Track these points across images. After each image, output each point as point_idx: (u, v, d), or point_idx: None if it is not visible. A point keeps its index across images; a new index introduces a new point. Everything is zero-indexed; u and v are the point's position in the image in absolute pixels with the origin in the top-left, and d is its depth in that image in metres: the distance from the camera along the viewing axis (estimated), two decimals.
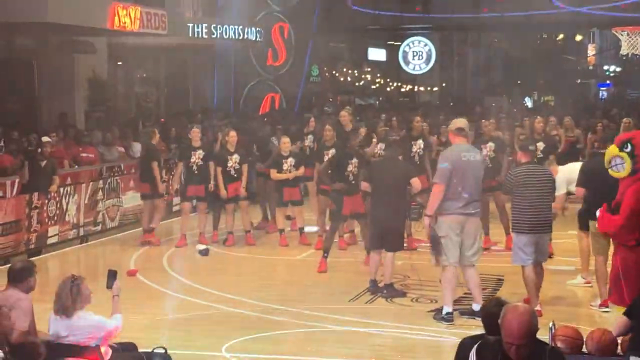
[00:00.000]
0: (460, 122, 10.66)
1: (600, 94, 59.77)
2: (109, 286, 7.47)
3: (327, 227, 13.77)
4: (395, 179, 11.55)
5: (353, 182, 13.01)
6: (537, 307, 10.02)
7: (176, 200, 17.92)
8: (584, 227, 11.24)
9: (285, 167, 15.16)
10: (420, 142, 15.15)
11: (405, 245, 12.46)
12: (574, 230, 12.12)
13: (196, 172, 15.38)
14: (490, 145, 14.47)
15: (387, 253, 11.47)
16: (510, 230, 11.58)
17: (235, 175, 15.11)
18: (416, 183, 11.64)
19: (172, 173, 17.43)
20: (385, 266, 11.50)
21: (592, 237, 10.83)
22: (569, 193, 11.79)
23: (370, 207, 12.05)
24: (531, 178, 10.39)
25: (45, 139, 15.54)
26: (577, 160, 14.89)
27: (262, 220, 16.83)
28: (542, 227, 10.38)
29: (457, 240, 10.17)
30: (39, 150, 15.16)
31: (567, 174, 11.81)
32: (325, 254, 13.04)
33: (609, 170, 8.88)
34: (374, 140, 15.06)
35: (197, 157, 15.34)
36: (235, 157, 15.14)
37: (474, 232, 10.31)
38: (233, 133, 15.34)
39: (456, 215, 10.13)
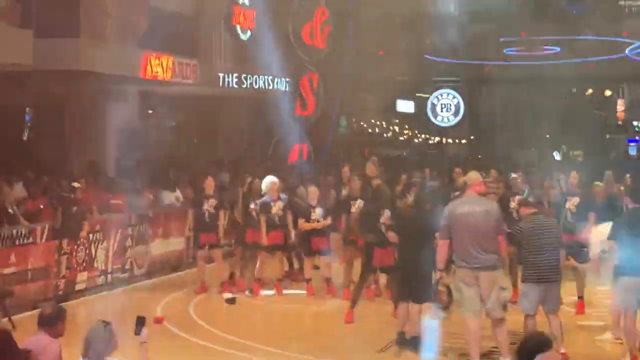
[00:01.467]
0: (473, 174, 10.71)
1: (630, 150, 59.44)
2: (137, 333, 7.46)
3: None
4: (421, 230, 11.41)
5: (385, 234, 12.94)
6: (562, 350, 9.96)
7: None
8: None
9: (313, 216, 15.17)
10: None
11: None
12: (603, 286, 12.01)
13: (208, 220, 15.47)
14: (519, 198, 14.39)
15: (414, 305, 11.37)
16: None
17: (279, 223, 15.13)
18: None
19: None
20: (411, 318, 11.38)
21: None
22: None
23: (397, 257, 12.01)
24: (538, 228, 10.40)
25: (76, 184, 15.67)
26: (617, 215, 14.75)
27: (288, 269, 16.80)
28: (551, 277, 10.33)
29: (473, 292, 10.06)
30: (71, 196, 15.29)
31: (602, 235, 11.70)
32: (353, 305, 12.98)
33: None
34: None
35: (209, 204, 15.45)
36: (279, 204, 15.16)
37: (489, 284, 10.15)
38: (275, 181, 15.37)
39: (463, 269, 10.09)
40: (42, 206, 15.38)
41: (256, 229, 15.24)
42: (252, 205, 15.44)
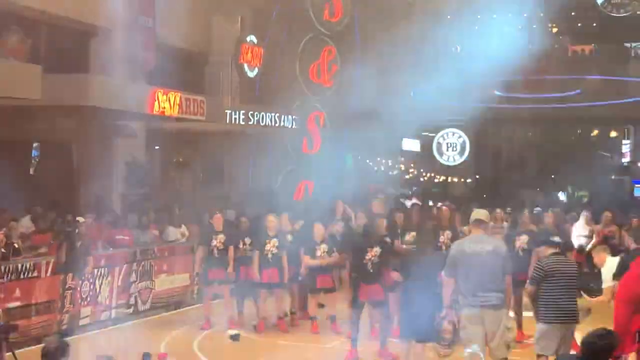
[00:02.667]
0: (479, 213, 10.67)
1: (635, 191, 59.39)
2: None
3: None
4: (425, 270, 11.36)
5: (371, 270, 12.87)
6: None
7: None
8: None
9: (318, 253, 15.16)
10: (447, 233, 15.03)
11: None
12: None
13: (217, 255, 15.47)
14: (524, 238, 14.40)
15: (417, 344, 11.32)
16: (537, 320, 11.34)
17: (272, 261, 15.12)
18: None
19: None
20: (415, 356, 11.31)
21: None
22: None
23: (401, 296, 11.97)
24: (559, 268, 10.33)
25: (80, 219, 15.71)
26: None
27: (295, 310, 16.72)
28: (569, 318, 10.28)
29: (478, 331, 10.03)
30: (76, 231, 15.32)
31: (614, 268, 11.69)
32: (354, 344, 12.92)
33: None
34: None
35: (218, 241, 15.46)
36: (274, 242, 15.18)
37: (493, 324, 10.12)
38: (272, 217, 15.41)
39: (469, 308, 10.05)
40: (52, 241, 15.41)
41: (249, 266, 15.29)
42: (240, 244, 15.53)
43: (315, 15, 27.89)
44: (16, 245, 14.78)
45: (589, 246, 17.38)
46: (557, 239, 11.58)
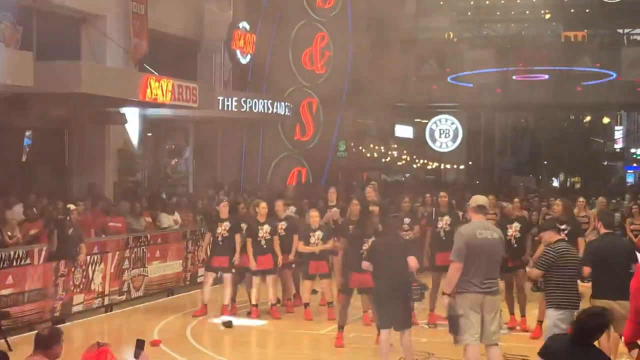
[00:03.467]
0: (481, 199, 10.59)
1: (627, 177, 59.55)
2: (136, 356, 7.45)
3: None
4: (394, 257, 11.18)
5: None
6: None
7: (201, 271, 17.96)
8: None
9: (312, 240, 15.18)
10: (447, 218, 15.08)
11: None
12: None
13: (221, 243, 15.47)
14: (516, 225, 14.42)
15: (401, 332, 11.22)
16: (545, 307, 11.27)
17: (265, 247, 15.16)
18: (412, 262, 11.16)
19: (199, 244, 17.61)
20: (403, 348, 11.27)
21: None
22: None
23: (374, 285, 11.80)
24: (568, 254, 10.31)
25: (71, 206, 15.67)
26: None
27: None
28: (578, 304, 10.27)
29: (477, 318, 10.05)
30: (67, 218, 15.29)
31: None
32: (341, 328, 12.95)
33: None
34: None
35: (223, 228, 15.45)
36: (266, 228, 15.20)
37: (493, 309, 10.12)
38: (264, 204, 15.42)
39: (474, 294, 10.03)
40: (34, 230, 15.40)
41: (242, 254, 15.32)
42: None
43: (307, 1, 27.89)
44: (9, 234, 14.80)
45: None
46: (564, 226, 11.62)
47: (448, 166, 44.85)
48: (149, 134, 24.86)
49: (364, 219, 13.50)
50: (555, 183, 51.35)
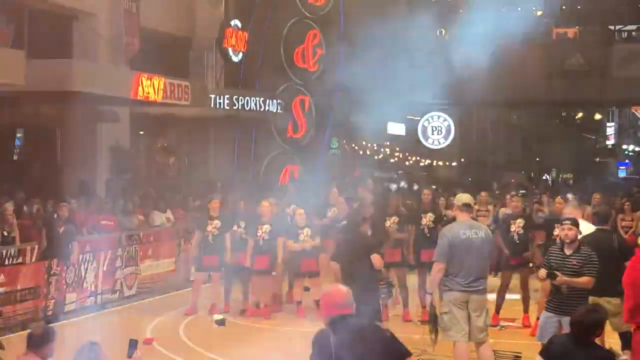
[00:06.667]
0: (466, 197, 10.59)
1: (619, 173, 59.72)
2: (130, 355, 7.43)
3: None
4: (357, 254, 11.14)
5: None
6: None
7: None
8: None
9: (301, 237, 15.16)
10: (430, 215, 15.08)
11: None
12: None
13: (212, 241, 15.42)
14: (520, 221, 14.38)
15: None
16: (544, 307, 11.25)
17: (263, 247, 15.07)
18: (375, 259, 11.14)
19: (190, 242, 17.56)
20: None
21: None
22: None
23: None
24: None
25: (62, 204, 15.60)
26: None
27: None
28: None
29: (463, 315, 10.03)
30: (54, 216, 15.23)
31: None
32: None
33: None
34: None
35: (213, 226, 15.39)
36: (266, 227, 15.16)
37: (478, 308, 10.13)
38: (266, 203, 15.37)
39: (459, 293, 10.03)
40: (28, 227, 15.35)
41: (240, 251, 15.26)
42: (235, 228, 15.46)
43: None
44: (5, 233, 14.73)
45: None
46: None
47: (440, 163, 44.88)
48: (141, 132, 24.82)
49: (354, 215, 13.49)
50: (548, 179, 51.41)
